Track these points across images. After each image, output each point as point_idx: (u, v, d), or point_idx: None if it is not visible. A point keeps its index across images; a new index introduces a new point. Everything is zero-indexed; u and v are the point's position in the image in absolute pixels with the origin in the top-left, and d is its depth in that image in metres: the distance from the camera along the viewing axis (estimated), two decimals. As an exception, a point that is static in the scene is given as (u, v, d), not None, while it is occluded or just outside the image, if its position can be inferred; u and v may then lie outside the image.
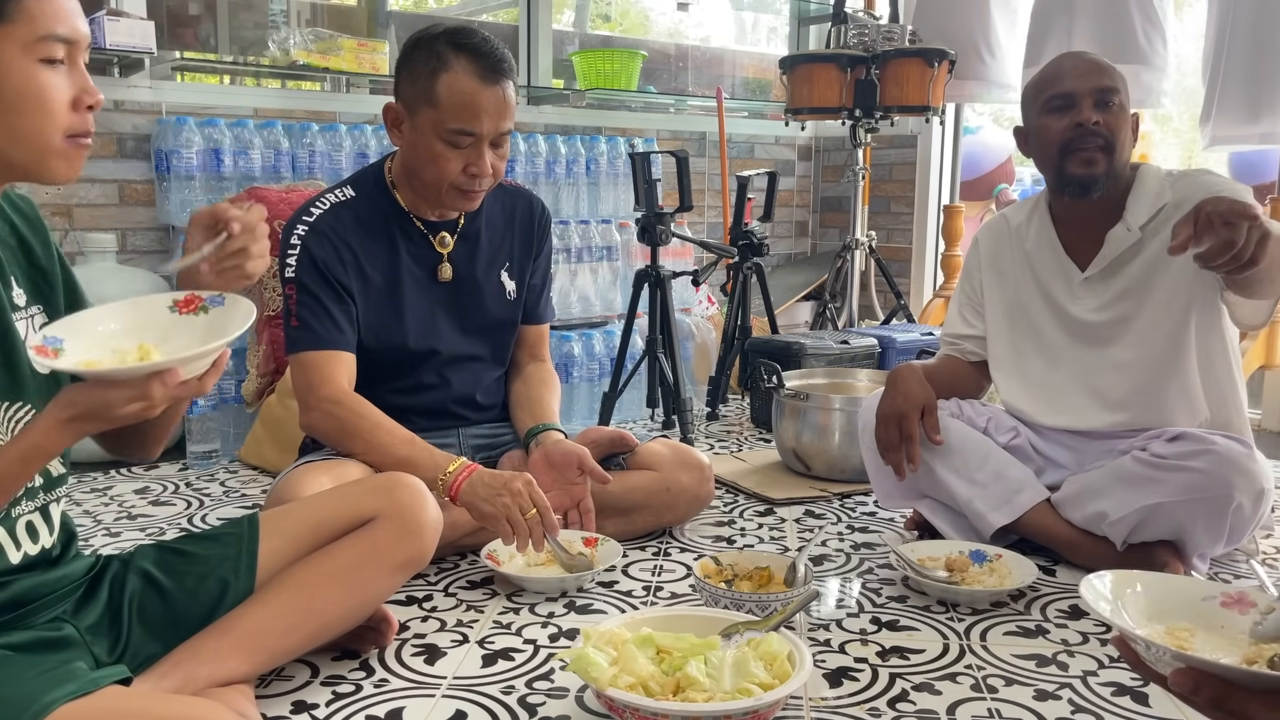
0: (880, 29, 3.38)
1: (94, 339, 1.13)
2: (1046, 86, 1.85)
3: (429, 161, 1.78)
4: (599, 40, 4.77)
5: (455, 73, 1.74)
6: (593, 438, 1.97)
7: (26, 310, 1.19)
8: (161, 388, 1.04)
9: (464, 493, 1.66)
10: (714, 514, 2.19)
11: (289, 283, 1.81)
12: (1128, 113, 1.84)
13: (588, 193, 3.32)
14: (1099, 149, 1.78)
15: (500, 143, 1.80)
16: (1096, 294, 1.88)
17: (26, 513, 1.17)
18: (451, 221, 1.93)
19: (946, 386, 2.02)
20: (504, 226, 2.00)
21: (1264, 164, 3.62)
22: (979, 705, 1.35)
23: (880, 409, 1.94)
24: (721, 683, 1.22)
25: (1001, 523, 1.85)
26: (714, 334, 3.49)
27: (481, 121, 1.75)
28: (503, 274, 1.99)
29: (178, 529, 2.08)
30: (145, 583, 1.28)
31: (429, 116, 1.75)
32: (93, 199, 2.74)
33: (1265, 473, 1.69)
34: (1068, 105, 1.81)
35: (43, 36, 1.06)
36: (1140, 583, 1.06)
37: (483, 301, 1.96)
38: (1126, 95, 1.85)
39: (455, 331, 1.94)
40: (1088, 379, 1.89)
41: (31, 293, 1.21)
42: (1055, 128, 1.82)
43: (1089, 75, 1.81)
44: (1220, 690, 0.86)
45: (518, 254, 2.02)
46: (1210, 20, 2.99)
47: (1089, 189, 1.81)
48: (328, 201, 1.86)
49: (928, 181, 4.16)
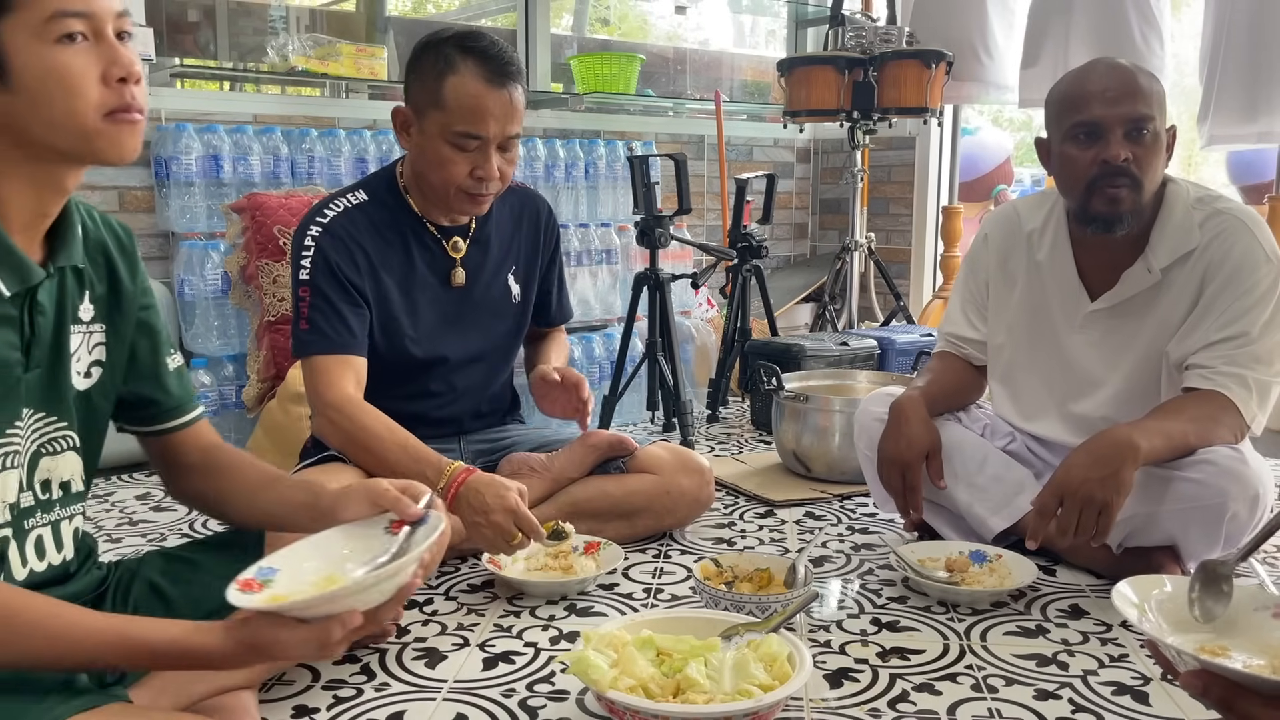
0: (877, 31, 3.38)
1: (306, 570, 1.10)
2: (1072, 110, 1.70)
3: (436, 165, 1.77)
4: (597, 44, 4.78)
5: (462, 76, 1.73)
6: (592, 442, 1.97)
7: (89, 326, 1.18)
8: (340, 629, 1.00)
9: (455, 509, 1.64)
10: (714, 516, 2.20)
11: (303, 285, 1.79)
12: (1162, 138, 1.70)
13: (586, 196, 3.32)
14: (1126, 186, 1.67)
15: (508, 146, 1.79)
16: (1100, 328, 1.84)
17: (39, 525, 1.15)
18: (464, 226, 1.92)
19: (949, 403, 1.98)
20: (512, 229, 2.00)
21: (1261, 163, 3.63)
22: (979, 705, 1.35)
23: (883, 450, 1.85)
24: (722, 684, 1.23)
25: (1002, 526, 1.85)
26: (714, 336, 3.49)
27: (487, 125, 1.74)
28: (509, 277, 1.99)
29: (179, 535, 2.08)
30: (150, 591, 1.28)
31: (436, 119, 1.75)
32: (93, 205, 2.75)
33: (1260, 478, 1.66)
34: (1094, 135, 1.68)
35: (51, 16, 1.02)
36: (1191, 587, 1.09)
37: (491, 307, 1.96)
38: (1163, 112, 1.71)
39: (464, 338, 1.94)
40: (1072, 403, 1.88)
41: (100, 311, 1.20)
42: (1080, 160, 1.69)
43: (1121, 100, 1.66)
44: (1228, 691, 0.89)
45: (524, 256, 2.02)
46: (1207, 20, 3.00)
47: (1113, 227, 1.70)
48: (341, 204, 1.85)
49: (926, 183, 4.17)
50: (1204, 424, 1.66)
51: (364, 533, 1.16)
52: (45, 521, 1.15)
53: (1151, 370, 1.81)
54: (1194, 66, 3.08)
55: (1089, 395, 1.86)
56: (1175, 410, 1.68)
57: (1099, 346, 1.85)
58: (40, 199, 1.09)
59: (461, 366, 1.95)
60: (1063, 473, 1.59)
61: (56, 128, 1.04)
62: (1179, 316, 1.76)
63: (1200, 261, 1.74)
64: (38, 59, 1.02)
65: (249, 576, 1.06)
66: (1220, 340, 1.70)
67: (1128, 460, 1.55)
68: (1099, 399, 1.85)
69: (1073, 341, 1.87)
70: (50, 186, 1.10)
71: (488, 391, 2.01)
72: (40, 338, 1.11)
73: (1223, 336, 1.70)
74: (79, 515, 1.21)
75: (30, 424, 1.13)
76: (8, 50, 1.01)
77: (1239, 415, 1.67)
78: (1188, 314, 1.76)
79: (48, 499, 1.15)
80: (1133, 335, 1.81)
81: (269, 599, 1.03)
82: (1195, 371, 1.71)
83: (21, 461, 1.12)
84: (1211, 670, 0.91)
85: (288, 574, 1.09)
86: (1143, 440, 1.57)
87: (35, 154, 1.06)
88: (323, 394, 1.76)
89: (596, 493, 1.94)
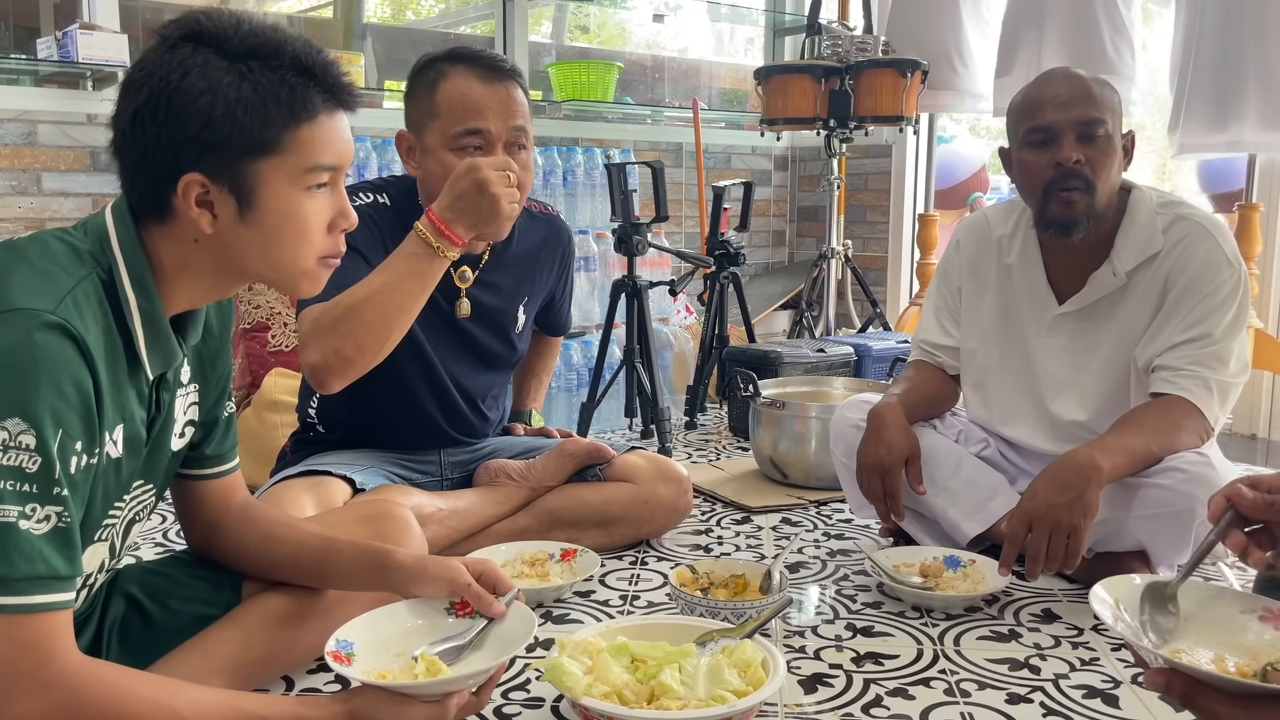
0: (854, 40, 3.41)
1: (378, 643, 1.19)
2: (1027, 116, 1.76)
3: (441, 179, 1.64)
4: (576, 52, 4.78)
5: (453, 78, 1.69)
6: (570, 450, 1.97)
7: (186, 388, 1.19)
8: (458, 703, 1.10)
9: (446, 205, 1.56)
10: (692, 522, 2.20)
11: None
12: (1115, 141, 1.75)
13: (564, 204, 3.32)
14: (1080, 189, 1.72)
15: (519, 148, 1.71)
16: (1068, 331, 1.87)
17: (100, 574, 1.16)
18: (475, 256, 1.85)
19: (925, 411, 1.99)
20: (532, 258, 1.95)
21: (1231, 172, 3.67)
22: (952, 710, 1.36)
23: (862, 456, 1.86)
24: (696, 690, 1.23)
25: (975, 531, 1.86)
26: (691, 343, 3.50)
27: (485, 118, 1.67)
28: (520, 308, 1.95)
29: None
30: (128, 604, 1.28)
31: (435, 130, 1.70)
32: (66, 213, 2.73)
33: (1227, 481, 1.68)
34: (1048, 140, 1.73)
35: (311, 167, 1.06)
36: (1183, 591, 1.10)
37: (492, 337, 1.92)
38: (1117, 118, 1.76)
39: (461, 366, 1.90)
40: (1043, 407, 1.90)
41: (195, 370, 1.21)
42: (1036, 165, 1.75)
43: (1071, 105, 1.71)
44: (1188, 687, 0.90)
45: (539, 285, 1.98)
46: (1177, 29, 3.03)
47: (1070, 230, 1.75)
48: (370, 197, 1.78)
49: (902, 191, 4.19)
50: (1167, 432, 1.68)
51: (428, 609, 1.26)
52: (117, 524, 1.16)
53: (1119, 373, 1.83)
54: (1166, 76, 3.12)
55: (1059, 398, 1.88)
56: (1136, 423, 1.70)
57: (1067, 349, 1.87)
58: (204, 298, 1.13)
59: (453, 391, 1.90)
60: (1028, 500, 1.61)
61: (275, 264, 1.08)
62: (1144, 320, 1.79)
63: (1163, 266, 1.77)
64: (285, 203, 1.06)
65: (333, 649, 1.16)
66: (1184, 341, 1.73)
67: (1091, 482, 1.58)
68: (1068, 402, 1.87)
69: (1042, 345, 1.89)
70: (219, 292, 1.14)
71: (474, 415, 1.98)
72: (162, 412, 1.13)
73: (1186, 338, 1.73)
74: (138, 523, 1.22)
75: (134, 494, 1.14)
76: (262, 187, 1.04)
77: (1202, 418, 1.70)
78: (1152, 318, 1.79)
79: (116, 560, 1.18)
80: (1099, 339, 1.84)
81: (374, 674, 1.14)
82: (1160, 375, 1.74)
83: (116, 533, 1.13)
84: (1175, 668, 0.93)
85: (365, 646, 1.19)
86: (1105, 460, 1.60)
87: (230, 271, 1.09)
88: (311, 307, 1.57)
89: (574, 501, 1.94)
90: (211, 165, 1.02)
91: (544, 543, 1.86)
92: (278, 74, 1.03)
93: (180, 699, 1.00)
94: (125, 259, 1.04)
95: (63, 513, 0.94)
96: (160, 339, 1.07)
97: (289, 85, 1.04)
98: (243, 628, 1.28)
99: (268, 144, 1.03)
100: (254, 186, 1.04)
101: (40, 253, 0.99)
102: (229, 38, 1.02)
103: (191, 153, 1.01)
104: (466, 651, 1.19)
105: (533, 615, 1.22)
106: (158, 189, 1.03)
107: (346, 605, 1.32)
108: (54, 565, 0.93)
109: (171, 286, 1.08)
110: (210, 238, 1.05)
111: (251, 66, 1.02)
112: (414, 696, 1.09)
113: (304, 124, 1.05)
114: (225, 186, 1.03)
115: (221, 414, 1.28)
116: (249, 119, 1.02)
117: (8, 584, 0.91)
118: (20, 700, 0.92)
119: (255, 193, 1.04)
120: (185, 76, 1.00)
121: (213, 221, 1.05)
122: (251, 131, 1.02)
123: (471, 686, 1.14)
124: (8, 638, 0.91)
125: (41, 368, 0.92)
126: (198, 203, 1.03)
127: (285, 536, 1.31)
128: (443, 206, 1.57)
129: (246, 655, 1.26)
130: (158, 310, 1.06)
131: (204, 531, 1.33)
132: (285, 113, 1.03)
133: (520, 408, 2.21)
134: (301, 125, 1.05)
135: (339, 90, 1.08)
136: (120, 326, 1.03)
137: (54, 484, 0.93)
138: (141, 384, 1.08)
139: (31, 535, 0.91)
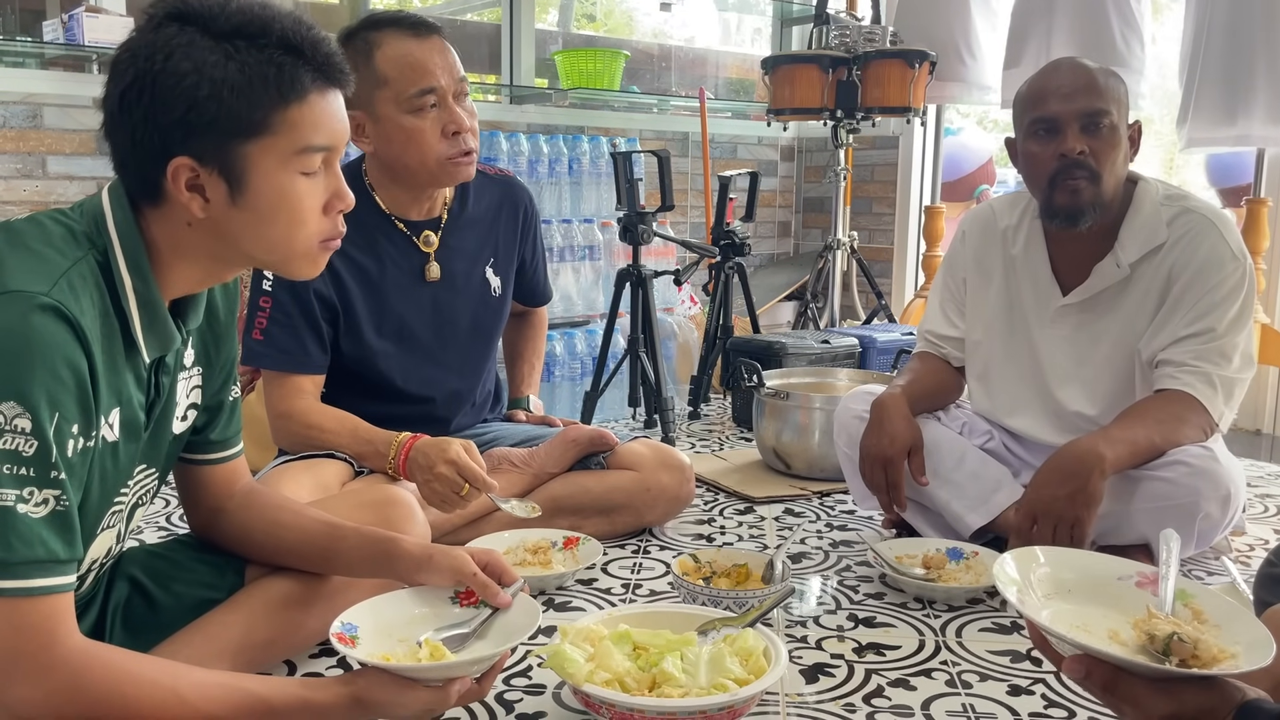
0: (862, 30, 3.39)
1: (382, 628, 1.20)
2: (1032, 107, 1.76)
3: (406, 142, 1.73)
4: (582, 40, 4.77)
5: (387, 44, 1.72)
6: (573, 437, 1.97)
7: (189, 371, 1.19)
8: (460, 690, 1.10)
9: (409, 474, 1.71)
10: (694, 512, 2.20)
11: (264, 295, 1.78)
12: (1120, 132, 1.74)
13: (570, 192, 3.32)
14: (1085, 179, 1.71)
15: (463, 97, 1.77)
16: (1072, 322, 1.87)
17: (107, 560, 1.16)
18: (435, 219, 1.90)
19: (929, 403, 1.98)
20: (491, 219, 1.97)
21: (1240, 166, 3.65)
22: (953, 700, 1.36)
23: (865, 446, 1.86)
24: (697, 678, 1.23)
25: (979, 523, 1.86)
26: (696, 333, 3.50)
27: (435, 74, 1.72)
28: (487, 269, 1.97)
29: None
30: (131, 587, 1.28)
31: (385, 97, 1.72)
32: (71, 196, 2.73)
33: (1231, 476, 1.68)
34: (1053, 131, 1.73)
35: (303, 149, 1.04)
36: (1050, 559, 1.10)
37: (469, 300, 1.94)
38: (1123, 108, 1.75)
39: (441, 340, 1.91)
40: (1047, 398, 1.90)
41: (199, 354, 1.21)
42: (1041, 156, 1.75)
43: (1076, 95, 1.71)
44: (1110, 676, 0.89)
45: (503, 246, 1.99)
46: (1187, 23, 3.02)
47: (1075, 220, 1.75)
48: None
49: (909, 183, 4.18)
50: (1170, 425, 1.68)
51: (433, 597, 1.26)
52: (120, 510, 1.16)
53: (1122, 365, 1.83)
54: (1175, 69, 3.10)
55: (1063, 389, 1.88)
56: (1140, 414, 1.70)
57: (1071, 341, 1.87)
58: (203, 282, 1.12)
59: (441, 363, 1.92)
60: (1032, 492, 1.61)
61: (269, 247, 1.07)
62: (1147, 313, 1.79)
63: (1168, 258, 1.77)
64: (276, 186, 1.03)
65: (338, 630, 1.16)
66: (1188, 335, 1.73)
67: (1094, 472, 1.57)
68: (1073, 393, 1.87)
69: (1045, 336, 1.89)
70: (217, 276, 1.13)
71: (470, 384, 2.00)
72: (161, 396, 1.12)
73: (1190, 332, 1.73)
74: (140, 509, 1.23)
75: (137, 479, 1.13)
76: (252, 170, 1.02)
77: (1206, 413, 1.69)
78: (1155, 311, 1.78)
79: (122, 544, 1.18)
80: (1103, 330, 1.84)
81: (378, 656, 1.14)
82: (1164, 370, 1.74)
83: (122, 518, 1.13)
84: (1093, 655, 0.91)
85: (370, 631, 1.19)
86: (1108, 450, 1.59)
87: (226, 255, 1.08)
88: (275, 405, 1.80)
89: (576, 488, 1.94)
90: (200, 148, 1.00)
91: (546, 530, 1.86)
92: (265, 53, 1.00)
93: (183, 681, 1.00)
94: (121, 241, 1.03)
95: (60, 496, 0.94)
96: (157, 323, 1.06)
97: (276, 64, 1.00)
98: (246, 611, 1.28)
99: (256, 125, 1.01)
100: (244, 169, 1.02)
101: (36, 234, 0.99)
102: (215, 16, 1.00)
103: (179, 136, 0.99)
104: (470, 639, 1.19)
105: (537, 606, 1.22)
106: (148, 172, 1.02)
107: (350, 590, 1.33)
108: (53, 548, 0.93)
109: (168, 270, 1.07)
110: (203, 221, 1.04)
111: (238, 45, 0.99)
112: (417, 680, 1.09)
113: (293, 104, 1.02)
114: (215, 170, 1.01)
115: (226, 398, 1.28)
116: (236, 100, 0.99)
117: (7, 567, 0.90)
118: (22, 684, 0.92)
119: (246, 176, 1.02)
120: (169, 58, 0.98)
121: (204, 205, 1.03)
122: (239, 113, 0.99)
123: (474, 673, 1.14)
124: (8, 621, 0.91)
125: (36, 350, 0.91)
126: (188, 186, 1.01)
127: (289, 523, 1.31)
128: (414, 470, 1.70)
129: (249, 639, 1.26)
130: (154, 293, 1.05)
131: (207, 516, 1.32)
132: (273, 93, 1.01)
133: (516, 394, 2.20)
134: (291, 105, 1.02)
135: (329, 68, 1.05)
136: (116, 309, 1.02)
137: (51, 467, 0.93)
138: (139, 367, 1.07)
139: (30, 519, 0.91)
